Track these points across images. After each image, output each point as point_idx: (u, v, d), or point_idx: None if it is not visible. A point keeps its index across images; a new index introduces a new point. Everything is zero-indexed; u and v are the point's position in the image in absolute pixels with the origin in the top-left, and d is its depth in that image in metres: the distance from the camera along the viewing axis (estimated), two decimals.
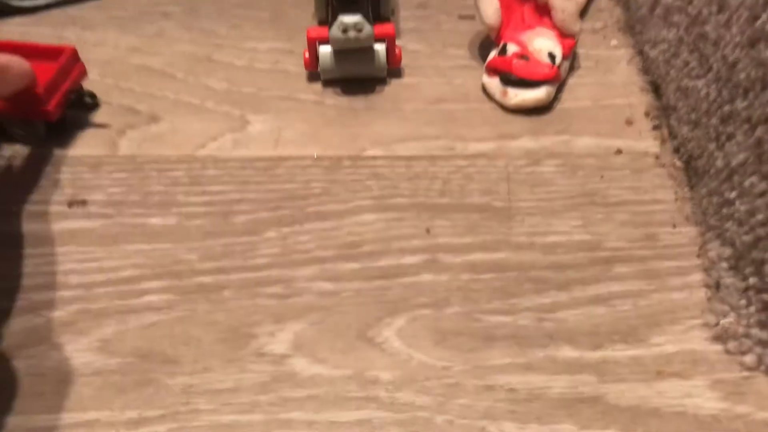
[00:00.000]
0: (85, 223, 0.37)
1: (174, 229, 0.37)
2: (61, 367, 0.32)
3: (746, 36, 0.32)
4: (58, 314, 0.33)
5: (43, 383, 0.31)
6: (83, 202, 0.38)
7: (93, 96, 0.42)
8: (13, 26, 0.49)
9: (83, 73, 0.41)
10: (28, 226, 0.37)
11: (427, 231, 0.37)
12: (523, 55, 0.42)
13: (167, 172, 0.40)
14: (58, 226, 0.37)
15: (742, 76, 0.32)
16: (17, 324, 0.33)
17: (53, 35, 0.48)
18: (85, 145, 0.41)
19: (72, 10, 0.50)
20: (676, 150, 0.40)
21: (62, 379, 0.31)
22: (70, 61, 0.40)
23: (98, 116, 0.42)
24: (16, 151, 0.41)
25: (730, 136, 0.34)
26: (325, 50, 0.43)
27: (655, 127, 0.42)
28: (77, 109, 0.42)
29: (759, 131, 0.31)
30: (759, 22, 0.31)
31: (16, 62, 0.36)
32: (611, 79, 0.45)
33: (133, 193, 0.38)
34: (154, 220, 0.37)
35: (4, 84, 0.35)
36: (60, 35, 0.48)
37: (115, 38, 0.48)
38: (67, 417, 0.30)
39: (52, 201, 0.38)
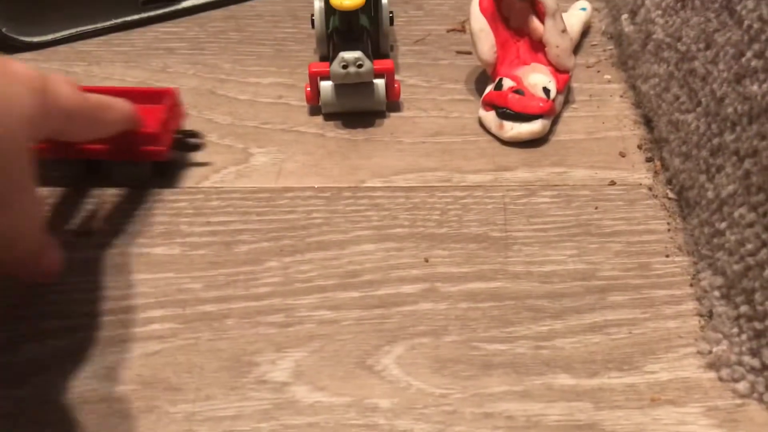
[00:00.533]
0: (91, 253, 0.38)
1: (178, 259, 0.38)
2: (66, 394, 0.32)
3: (732, 72, 0.33)
4: (64, 342, 0.34)
5: (48, 411, 0.32)
6: (89, 233, 0.39)
7: (196, 135, 0.43)
8: (23, 62, 0.50)
9: (183, 114, 0.42)
10: None
11: (426, 260, 0.37)
12: (519, 90, 0.43)
13: (171, 203, 0.40)
14: (64, 255, 0.38)
15: (730, 110, 0.34)
16: (23, 352, 0.34)
17: (61, 70, 0.49)
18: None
19: (80, 46, 0.52)
20: (669, 182, 0.41)
21: (67, 406, 0.32)
22: (174, 103, 0.41)
23: None
24: None
25: (719, 168, 0.35)
26: (326, 85, 0.44)
27: (648, 160, 0.43)
28: (183, 150, 0.42)
29: (747, 164, 0.32)
30: (744, 59, 0.32)
31: (119, 103, 0.36)
32: (605, 112, 0.46)
33: (138, 224, 0.39)
34: (158, 250, 0.38)
35: (106, 124, 0.36)
36: (68, 70, 0.49)
37: (121, 73, 0.49)
38: None
39: (58, 231, 0.39)
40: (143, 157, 0.40)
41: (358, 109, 0.45)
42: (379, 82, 0.44)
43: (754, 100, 0.31)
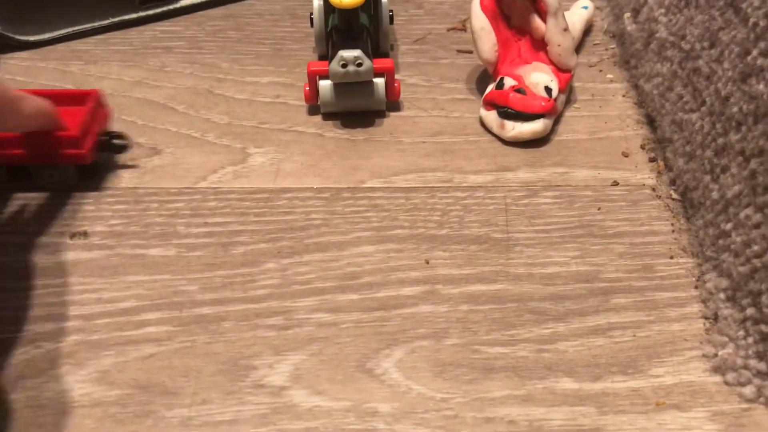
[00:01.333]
0: (86, 255, 0.37)
1: (174, 261, 0.37)
2: (60, 398, 0.32)
3: (738, 70, 0.33)
4: (58, 345, 0.33)
5: (43, 415, 0.31)
6: (84, 234, 0.38)
7: (123, 137, 0.41)
8: (19, 60, 0.50)
9: (109, 115, 0.41)
10: (29, 258, 0.37)
11: (426, 262, 0.37)
12: (520, 89, 0.43)
13: (168, 203, 0.40)
14: (59, 257, 0.37)
15: (735, 109, 0.33)
16: (17, 355, 0.33)
17: (58, 69, 0.49)
18: (85, 177, 0.41)
19: (76, 45, 0.51)
20: (672, 182, 0.40)
21: (62, 410, 0.31)
22: (98, 105, 0.41)
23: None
24: (19, 184, 0.41)
25: (724, 169, 0.34)
26: (325, 84, 0.43)
27: (651, 160, 0.42)
28: (108, 152, 0.41)
29: (753, 164, 0.31)
30: (750, 57, 0.32)
31: (33, 99, 0.36)
32: (607, 112, 0.45)
33: (134, 225, 0.39)
34: (155, 252, 0.37)
35: (21, 117, 0.35)
36: (64, 69, 0.49)
37: (118, 72, 0.49)
38: None
39: (54, 233, 0.38)
40: (65, 160, 0.39)
41: (357, 109, 0.44)
42: (379, 82, 0.43)
43: (760, 99, 0.31)
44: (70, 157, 0.39)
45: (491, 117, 0.44)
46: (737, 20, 0.33)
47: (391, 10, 0.46)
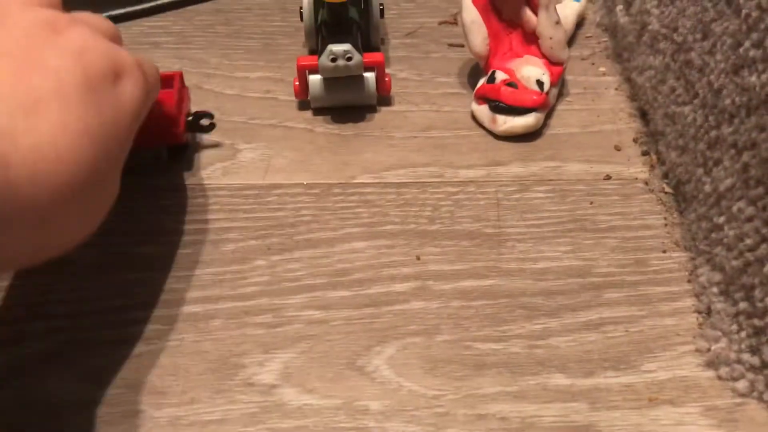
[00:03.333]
0: (73, 252, 0.37)
1: (162, 258, 0.37)
2: (48, 398, 0.31)
3: (730, 62, 0.33)
4: (45, 345, 0.33)
5: (30, 415, 0.31)
6: None
7: (210, 116, 0.41)
8: None
9: (189, 96, 0.42)
10: None
11: (417, 258, 0.37)
12: (512, 83, 0.43)
13: (155, 200, 0.39)
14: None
15: (728, 102, 0.33)
16: (3, 355, 0.33)
17: None
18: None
19: None
20: (665, 175, 0.40)
21: (49, 410, 0.31)
22: (182, 85, 0.41)
23: None
24: None
25: (717, 162, 0.34)
26: (315, 79, 0.43)
27: (644, 153, 0.42)
28: (195, 131, 0.41)
29: (745, 156, 0.31)
30: (742, 49, 0.31)
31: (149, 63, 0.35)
32: (600, 105, 0.45)
33: (122, 222, 0.38)
34: (142, 249, 0.37)
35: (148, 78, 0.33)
36: None
37: None
38: None
39: None
40: (160, 141, 0.39)
41: (348, 104, 0.44)
42: (369, 76, 0.43)
43: (752, 92, 0.30)
44: (166, 138, 0.39)
45: (483, 111, 0.43)
46: (729, 11, 0.33)
47: (381, 4, 0.45)
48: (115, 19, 0.52)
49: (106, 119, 0.28)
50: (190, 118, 0.41)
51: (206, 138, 0.42)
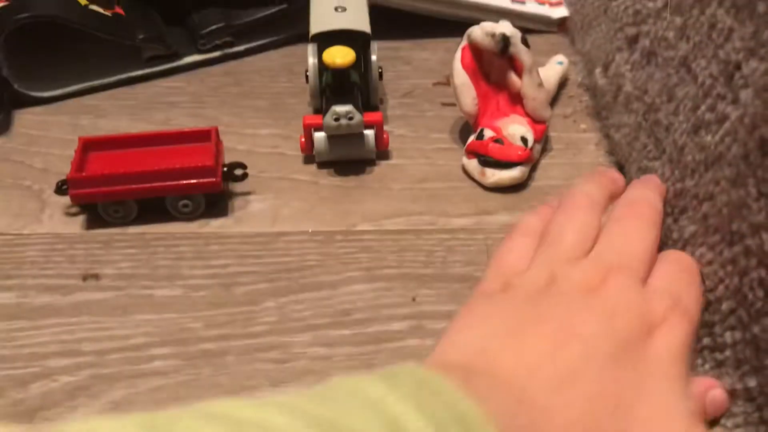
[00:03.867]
0: (98, 295, 0.40)
1: (180, 300, 0.40)
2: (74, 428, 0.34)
3: (691, 123, 0.37)
4: (73, 379, 0.36)
5: None
6: (96, 276, 0.41)
7: (243, 166, 0.45)
8: (33, 115, 0.53)
9: (223, 149, 0.47)
10: (45, 299, 0.40)
11: (413, 299, 0.40)
12: (499, 139, 0.47)
13: (173, 247, 0.43)
14: (72, 298, 0.40)
15: (689, 158, 0.37)
16: (35, 388, 0.36)
17: (70, 123, 0.52)
18: (96, 223, 0.44)
19: (87, 100, 0.55)
20: None
21: None
22: (218, 139, 0.46)
23: None
24: (33, 229, 0.44)
25: (682, 211, 0.38)
26: (319, 136, 0.47)
27: None
28: (230, 181, 0.46)
29: (704, 207, 0.35)
30: (699, 111, 0.35)
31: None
32: (580, 159, 0.49)
33: (142, 267, 0.42)
34: (162, 292, 0.40)
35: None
36: (76, 123, 0.52)
37: (126, 125, 0.52)
38: None
39: (68, 275, 0.41)
40: (200, 190, 0.43)
41: (349, 158, 0.48)
42: (369, 133, 0.47)
43: (708, 150, 0.34)
44: (205, 187, 0.43)
45: (473, 165, 0.47)
46: (689, 78, 0.37)
47: (380, 68, 0.50)
48: (135, 80, 0.56)
49: (629, 381, 0.26)
50: (225, 168, 0.45)
51: (241, 186, 0.46)
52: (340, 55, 0.44)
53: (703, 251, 0.35)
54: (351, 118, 0.45)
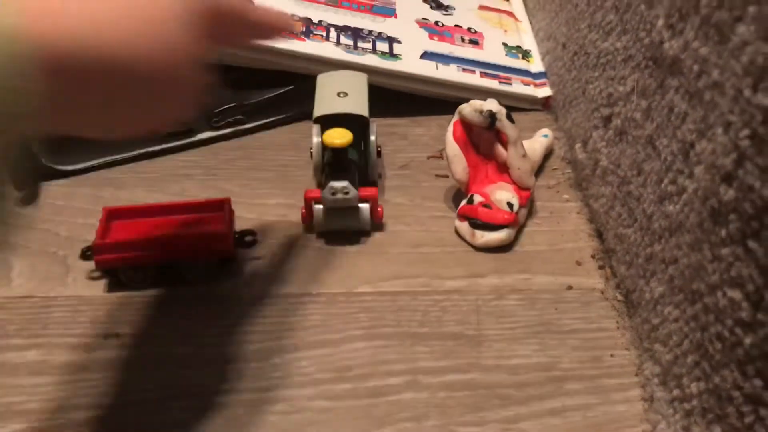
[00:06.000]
0: (118, 353, 0.44)
1: (194, 357, 0.43)
2: None
3: (657, 194, 0.41)
4: (95, 430, 0.39)
5: None
6: (116, 335, 0.45)
7: (253, 233, 0.50)
8: (57, 187, 0.57)
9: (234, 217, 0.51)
10: (69, 356, 0.43)
11: (410, 356, 0.43)
12: (487, 204, 0.51)
13: (188, 309, 0.46)
14: (94, 355, 0.43)
15: (656, 225, 0.41)
16: None
17: (92, 194, 0.56)
18: (117, 286, 0.48)
19: (107, 173, 0.59)
20: (617, 286, 0.47)
21: None
22: (230, 208, 0.50)
23: None
24: (59, 292, 0.48)
25: (652, 274, 0.41)
26: (318, 208, 0.51)
27: (600, 267, 0.49)
28: (241, 247, 0.49)
29: (670, 270, 0.39)
30: (663, 184, 0.40)
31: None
32: (563, 227, 0.53)
33: (160, 327, 0.45)
34: (177, 350, 0.44)
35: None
36: (98, 194, 0.56)
37: (144, 196, 0.56)
38: None
39: (90, 335, 0.45)
40: (214, 255, 0.47)
41: (346, 229, 0.52)
42: (365, 207, 0.51)
43: (672, 218, 0.38)
44: (219, 252, 0.47)
45: (464, 227, 0.51)
46: (654, 154, 0.42)
47: (379, 146, 0.54)
48: (153, 155, 0.61)
49: None
50: (237, 235, 0.49)
51: (251, 252, 0.50)
52: (339, 136, 0.49)
53: (670, 309, 0.38)
54: (347, 193, 0.49)
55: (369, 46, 0.63)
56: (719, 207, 0.33)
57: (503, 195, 0.51)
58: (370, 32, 0.65)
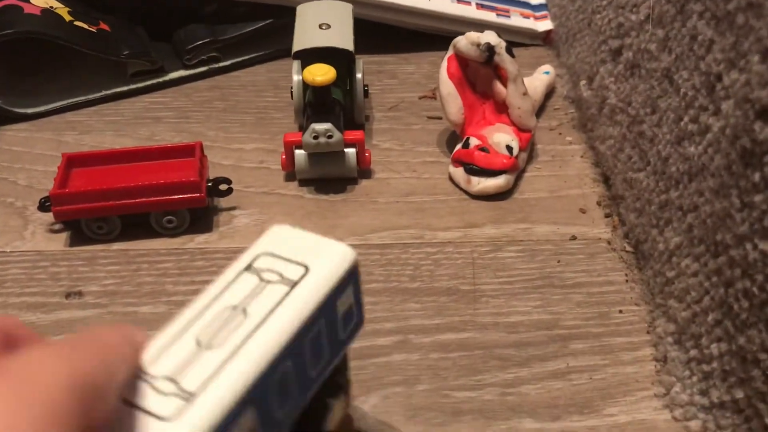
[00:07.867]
0: (81, 313, 0.40)
1: (164, 317, 0.39)
2: None
3: (674, 134, 0.37)
4: None
5: None
6: (79, 294, 0.41)
7: (228, 181, 0.45)
8: (17, 131, 0.53)
9: (208, 163, 0.46)
10: (27, 317, 0.39)
11: (400, 313, 0.40)
12: (484, 148, 0.47)
13: (157, 264, 0.43)
14: (55, 316, 0.40)
15: (674, 169, 0.37)
16: None
17: (54, 139, 0.52)
18: (79, 240, 0.44)
19: (71, 116, 0.55)
20: (626, 235, 0.44)
21: None
22: (202, 154, 0.45)
23: None
24: (16, 247, 0.44)
25: (667, 222, 0.37)
26: (300, 153, 0.47)
27: (607, 215, 0.45)
28: (214, 196, 0.45)
29: (689, 218, 0.35)
30: (682, 123, 0.35)
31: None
32: (566, 171, 0.49)
33: (126, 284, 0.41)
34: (145, 309, 0.40)
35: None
36: (60, 139, 0.52)
37: (111, 141, 0.52)
38: None
39: (51, 293, 0.41)
40: (184, 205, 0.43)
41: (330, 176, 0.48)
42: (351, 151, 0.47)
43: (692, 160, 0.34)
44: (190, 202, 0.43)
45: (459, 173, 0.47)
46: (672, 90, 0.37)
47: (366, 85, 0.50)
48: (119, 96, 0.56)
49: None
50: (210, 183, 0.44)
51: (225, 201, 0.46)
52: (320, 73, 0.44)
53: (688, 262, 0.35)
54: (330, 137, 0.45)
55: None
56: (752, 147, 0.29)
57: (502, 137, 0.47)
58: None
